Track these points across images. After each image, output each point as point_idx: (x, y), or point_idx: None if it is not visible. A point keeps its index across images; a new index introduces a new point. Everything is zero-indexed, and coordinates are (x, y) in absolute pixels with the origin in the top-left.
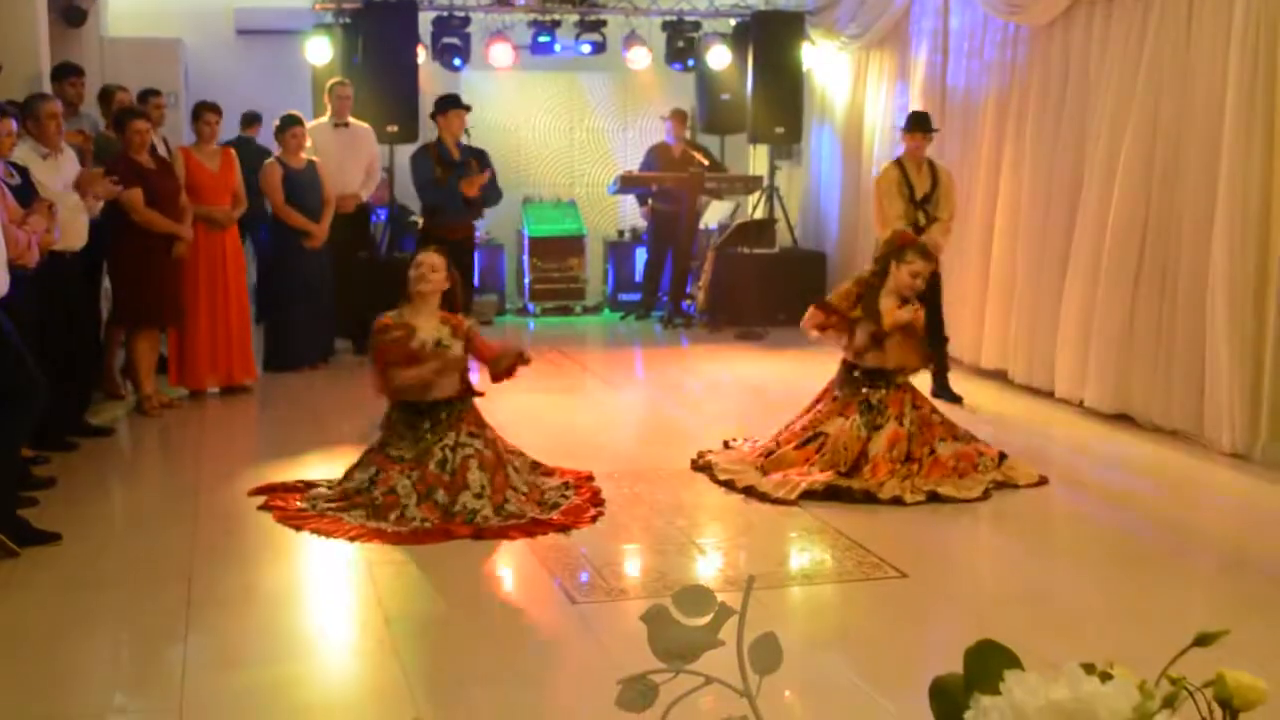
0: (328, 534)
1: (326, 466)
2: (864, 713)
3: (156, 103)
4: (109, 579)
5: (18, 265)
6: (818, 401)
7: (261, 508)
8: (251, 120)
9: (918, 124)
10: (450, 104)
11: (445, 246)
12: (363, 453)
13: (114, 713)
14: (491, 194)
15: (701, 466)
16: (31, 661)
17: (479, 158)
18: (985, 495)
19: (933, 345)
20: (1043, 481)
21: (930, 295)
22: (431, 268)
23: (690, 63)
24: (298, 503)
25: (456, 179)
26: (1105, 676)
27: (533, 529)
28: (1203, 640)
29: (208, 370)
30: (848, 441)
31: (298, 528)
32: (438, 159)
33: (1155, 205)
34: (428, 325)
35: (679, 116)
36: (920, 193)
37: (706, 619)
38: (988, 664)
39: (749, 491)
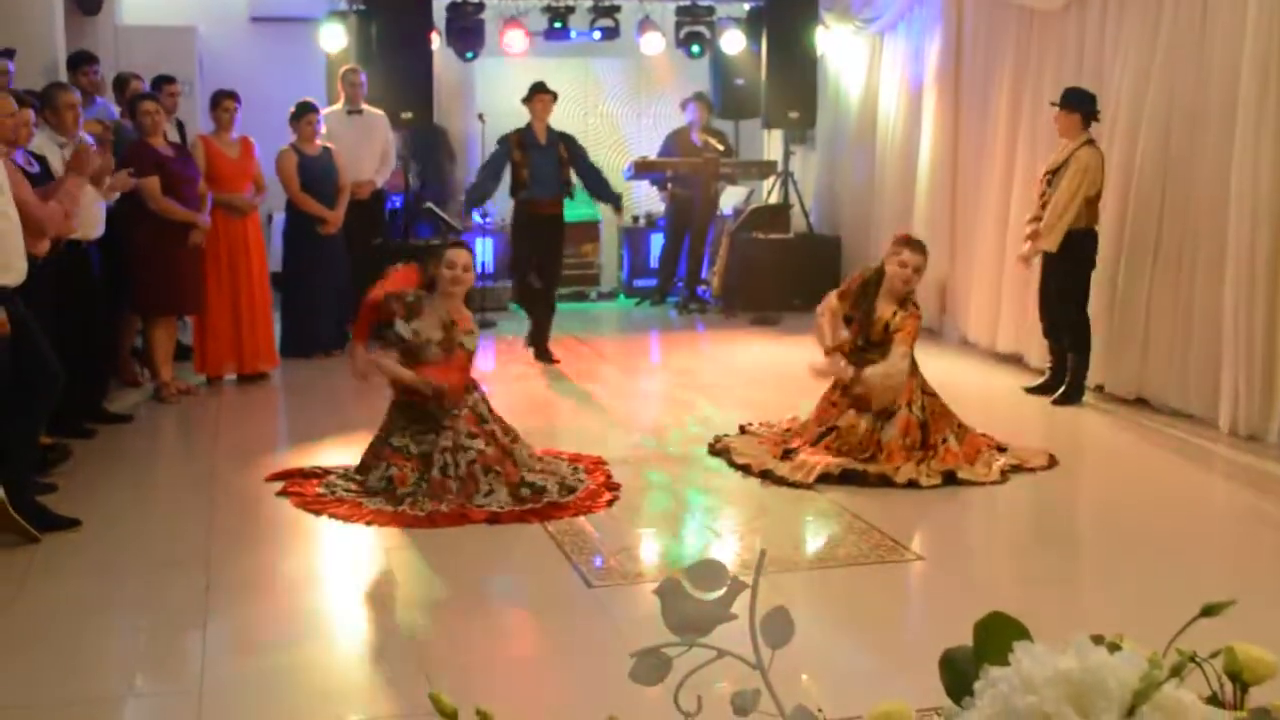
0: (347, 519)
1: (343, 452)
2: (881, 695)
3: (170, 90)
4: (128, 565)
5: (30, 253)
6: (830, 393)
7: (280, 494)
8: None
9: (1059, 99)
10: (535, 90)
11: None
12: (370, 443)
13: (134, 697)
14: (587, 176)
15: (719, 451)
16: (52, 646)
17: (567, 142)
18: (1004, 478)
19: (1072, 344)
20: (1053, 462)
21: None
22: (465, 267)
23: (696, 50)
24: (317, 489)
25: (538, 160)
26: (1114, 647)
27: (548, 513)
28: (1209, 611)
29: (230, 357)
30: (861, 434)
31: (317, 513)
32: (518, 144)
33: (1171, 190)
34: (433, 320)
35: (703, 101)
36: (1050, 168)
37: (719, 593)
38: (997, 636)
39: (766, 475)
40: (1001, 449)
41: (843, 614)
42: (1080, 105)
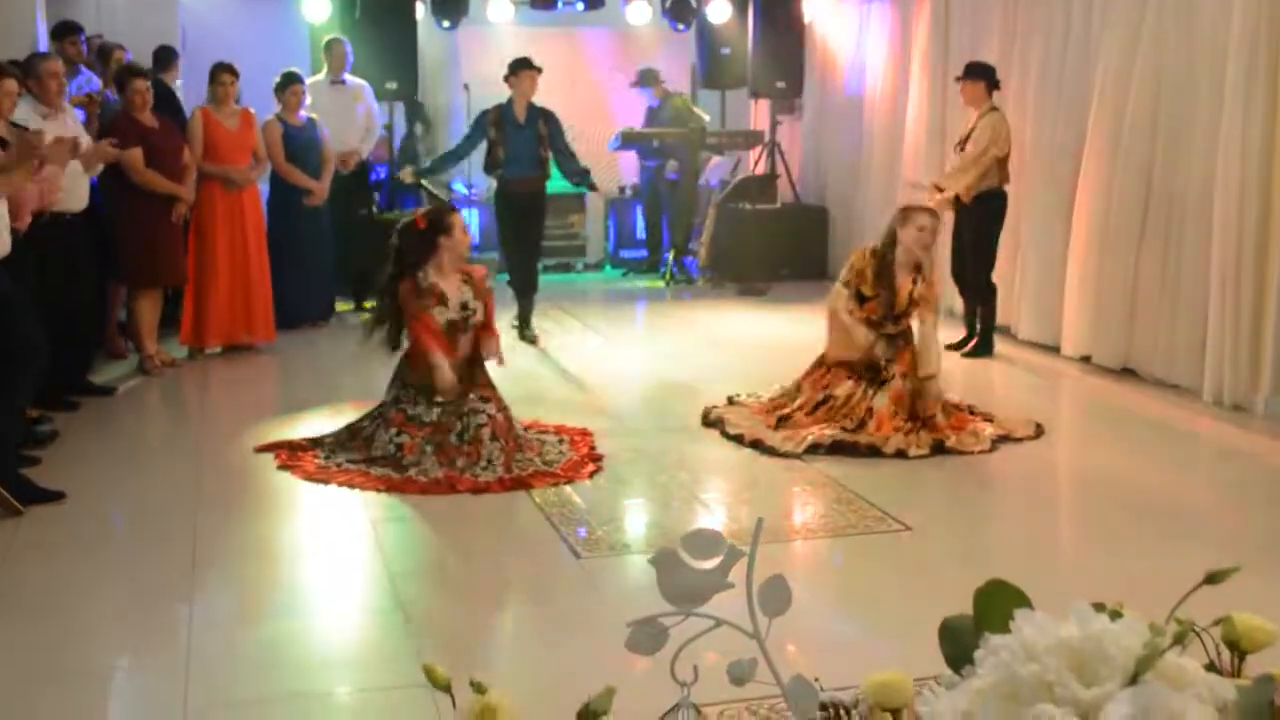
0: (354, 486)
1: (331, 423)
2: (867, 665)
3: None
4: (113, 537)
5: (13, 227)
6: (814, 370)
7: (280, 467)
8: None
9: (963, 72)
10: (521, 65)
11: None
12: (378, 406)
13: (120, 670)
14: (560, 156)
15: (712, 421)
16: (37, 619)
17: (546, 119)
18: (992, 448)
19: (980, 297)
20: (1039, 432)
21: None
22: (464, 229)
23: (674, 24)
24: (316, 460)
25: (516, 139)
26: (1115, 615)
27: (530, 482)
28: (1213, 578)
29: (228, 329)
30: (854, 403)
31: (324, 482)
32: (495, 122)
33: (1159, 161)
34: (451, 286)
35: (650, 77)
36: (961, 136)
37: (715, 562)
38: (997, 604)
39: (756, 445)
40: (988, 419)
41: (832, 584)
42: (983, 75)
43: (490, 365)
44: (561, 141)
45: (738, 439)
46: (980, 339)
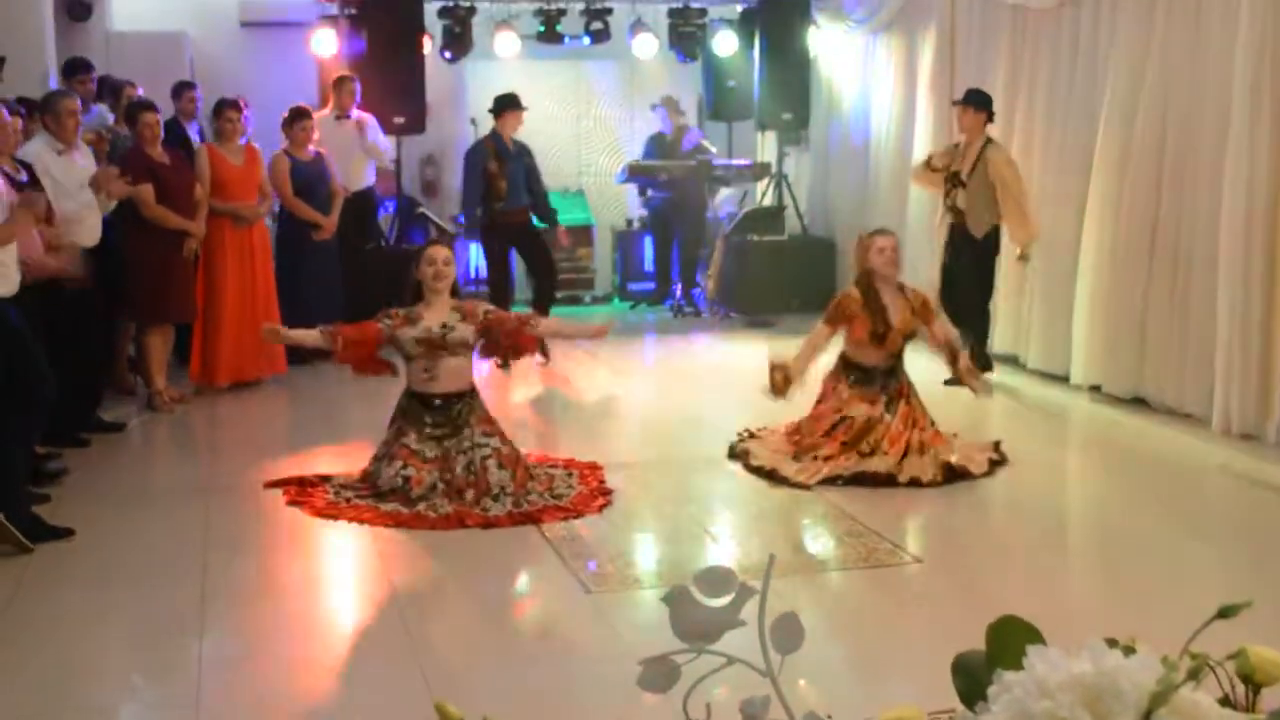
0: (364, 522)
1: (339, 459)
2: (881, 700)
3: (189, 95)
4: (124, 574)
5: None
6: (830, 380)
7: (290, 503)
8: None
9: (962, 97)
10: (509, 105)
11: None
12: (381, 444)
13: (130, 707)
14: (535, 190)
15: (736, 455)
16: (47, 656)
17: (528, 153)
18: (991, 470)
19: (976, 327)
20: (1000, 454)
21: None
22: (445, 261)
23: (680, 57)
24: (326, 496)
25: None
26: (1128, 651)
27: (541, 516)
28: (1226, 612)
29: (236, 365)
30: (872, 426)
31: (333, 518)
32: (494, 153)
33: (1167, 189)
34: (435, 317)
35: (671, 104)
36: (961, 170)
37: (728, 599)
38: (1010, 640)
39: (771, 475)
40: (954, 435)
41: (843, 618)
42: (986, 105)
43: (487, 401)
44: (538, 177)
45: (758, 470)
46: (978, 358)
